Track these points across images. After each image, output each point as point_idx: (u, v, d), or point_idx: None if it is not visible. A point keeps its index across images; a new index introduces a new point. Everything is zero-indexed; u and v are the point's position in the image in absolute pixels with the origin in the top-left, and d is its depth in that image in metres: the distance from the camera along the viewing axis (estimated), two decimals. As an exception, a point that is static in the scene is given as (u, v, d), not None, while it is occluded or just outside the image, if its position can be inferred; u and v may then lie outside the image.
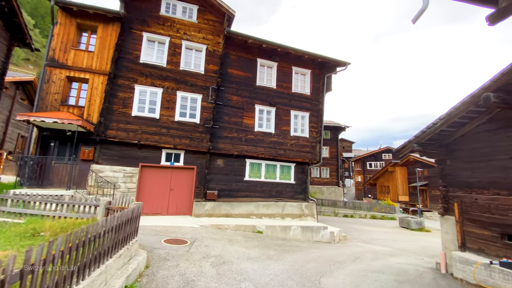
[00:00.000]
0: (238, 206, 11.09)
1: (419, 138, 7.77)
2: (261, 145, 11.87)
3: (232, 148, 11.34)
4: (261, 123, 12.05)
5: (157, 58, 11.03)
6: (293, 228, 10.21)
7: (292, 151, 12.42)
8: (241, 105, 11.72)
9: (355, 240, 12.30)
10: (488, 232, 6.44)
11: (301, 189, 12.69)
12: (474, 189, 6.92)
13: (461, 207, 7.25)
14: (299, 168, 12.86)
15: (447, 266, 7.50)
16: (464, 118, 6.91)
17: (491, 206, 6.40)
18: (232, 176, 11.48)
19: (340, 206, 25.52)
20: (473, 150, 7.07)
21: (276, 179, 12.29)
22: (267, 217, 11.42)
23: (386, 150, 49.27)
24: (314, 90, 13.35)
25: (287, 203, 11.88)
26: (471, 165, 7.10)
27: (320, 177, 29.57)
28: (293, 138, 12.55)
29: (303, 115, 12.94)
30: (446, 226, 7.75)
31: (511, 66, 5.18)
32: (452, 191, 7.63)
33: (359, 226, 17.81)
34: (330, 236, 10.71)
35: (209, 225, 9.31)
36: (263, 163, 12.16)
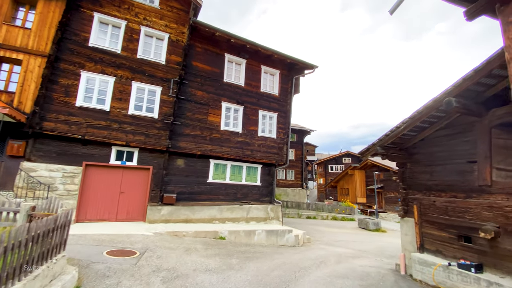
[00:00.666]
0: (200, 210, 10.24)
1: (383, 141, 7.85)
2: (227, 145, 11.20)
3: (194, 147, 10.47)
4: (228, 122, 11.39)
5: (110, 43, 9.73)
6: (258, 232, 9.70)
7: (260, 152, 11.97)
8: (206, 101, 10.92)
9: (318, 243, 12.25)
10: (445, 234, 6.64)
11: (267, 192, 12.28)
12: (433, 191, 7.14)
13: (420, 209, 7.44)
14: (266, 170, 12.45)
15: (407, 267, 7.64)
16: (425, 123, 7.11)
17: (449, 208, 6.61)
18: (193, 178, 10.59)
19: (303, 208, 25.86)
20: (432, 154, 7.31)
21: (242, 181, 11.70)
22: (231, 222, 10.75)
23: (346, 154, 52.01)
24: (283, 91, 13.12)
25: (252, 206, 11.35)
26: (429, 169, 7.32)
27: (286, 179, 29.76)
28: (261, 138, 12.11)
29: (271, 115, 12.59)
30: (406, 228, 7.92)
31: (472, 72, 5.33)
32: (412, 194, 7.83)
33: (321, 228, 18.05)
34: (294, 239, 10.43)
35: (165, 232, 8.33)
36: (229, 164, 11.48)
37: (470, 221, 6.06)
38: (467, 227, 6.11)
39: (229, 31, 10.88)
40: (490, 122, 5.87)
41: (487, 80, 5.56)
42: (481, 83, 5.61)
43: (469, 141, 6.35)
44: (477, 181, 5.97)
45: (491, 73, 5.31)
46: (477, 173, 5.99)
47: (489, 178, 5.69)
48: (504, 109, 5.63)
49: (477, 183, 5.97)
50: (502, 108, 5.67)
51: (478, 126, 6.11)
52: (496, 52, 4.92)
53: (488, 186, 5.72)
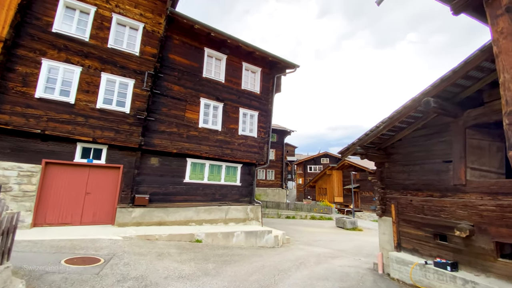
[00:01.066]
0: (175, 212, 9.67)
1: (362, 141, 7.86)
2: (206, 143, 10.72)
3: (170, 145, 9.88)
4: (207, 119, 10.91)
5: (77, 30, 8.88)
6: (237, 234, 9.35)
7: (240, 151, 11.62)
8: (183, 97, 10.37)
9: (298, 243, 12.15)
10: (422, 233, 6.73)
11: (247, 192, 11.96)
12: (410, 191, 7.23)
13: (397, 208, 7.52)
14: (246, 169, 12.13)
15: (384, 266, 7.69)
16: (403, 123, 7.18)
17: (425, 207, 6.71)
18: (169, 178, 9.99)
19: (283, 208, 25.88)
20: (409, 154, 7.41)
21: (221, 181, 11.27)
22: (209, 223, 10.29)
23: (324, 155, 53.14)
24: (264, 89, 12.88)
25: (231, 207, 10.97)
26: (407, 168, 7.42)
27: (266, 179, 29.65)
28: (241, 137, 11.77)
29: (252, 114, 12.30)
30: (384, 227, 7.98)
31: (450, 73, 5.40)
32: (390, 193, 7.91)
33: (300, 228, 18.08)
34: (274, 240, 10.21)
35: (136, 236, 7.72)
36: (207, 163, 11.01)
37: (445, 219, 6.16)
38: (442, 226, 6.22)
39: (209, 24, 10.41)
40: (465, 122, 6.01)
41: (463, 82, 5.68)
42: (458, 84, 5.72)
43: (445, 141, 6.48)
44: (452, 181, 6.09)
45: (467, 75, 5.41)
46: (452, 172, 6.11)
47: (464, 177, 5.81)
48: (478, 110, 5.78)
49: (452, 182, 6.09)
50: (477, 109, 5.82)
51: (454, 127, 6.25)
52: (473, 53, 5.00)
53: (462, 185, 5.84)
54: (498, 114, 5.44)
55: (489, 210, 5.31)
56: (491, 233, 5.21)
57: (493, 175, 5.78)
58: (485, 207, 5.38)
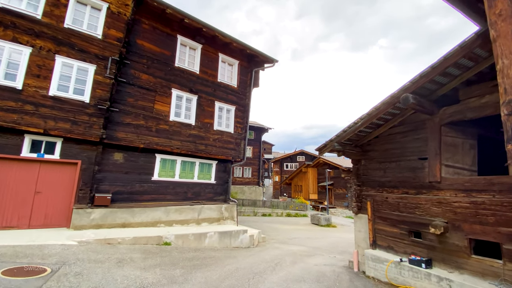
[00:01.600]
0: (141, 212, 8.87)
1: (340, 138, 7.70)
2: (178, 138, 9.99)
3: (137, 139, 9.03)
4: (179, 112, 10.17)
5: (28, 6, 7.69)
6: (210, 235, 8.81)
7: (215, 147, 11.03)
8: (153, 87, 9.54)
9: (273, 241, 11.90)
10: (397, 230, 6.71)
11: (222, 190, 11.43)
12: (385, 188, 7.20)
13: (373, 205, 7.47)
14: (221, 167, 11.58)
15: (359, 264, 7.63)
16: (381, 120, 7.12)
17: (400, 205, 6.70)
18: (135, 175, 9.14)
19: (259, 206, 25.65)
20: (386, 151, 7.39)
21: (194, 179, 10.61)
22: (180, 224, 9.62)
23: (300, 153, 54.07)
24: (242, 83, 12.38)
25: (204, 206, 10.37)
26: (383, 165, 7.39)
27: (242, 177, 29.23)
28: (217, 132, 11.18)
29: (229, 108, 11.75)
30: (359, 224, 7.93)
31: (429, 69, 5.33)
32: (366, 190, 7.85)
33: (276, 225, 17.93)
34: (249, 240, 9.82)
35: (94, 240, 6.88)
36: (179, 160, 10.29)
37: (420, 217, 6.17)
38: (417, 223, 6.22)
39: (183, 10, 9.65)
40: (440, 120, 6.03)
41: (441, 79, 5.66)
42: (435, 81, 5.69)
43: (420, 139, 6.48)
44: (427, 178, 6.10)
45: (445, 71, 5.39)
46: (428, 169, 6.12)
47: (439, 174, 5.83)
48: (454, 108, 5.81)
49: (427, 179, 6.10)
50: (452, 107, 5.85)
51: (429, 124, 6.26)
52: (452, 49, 4.95)
53: (437, 182, 5.86)
54: (473, 111, 5.48)
55: (463, 207, 5.35)
56: (465, 230, 5.25)
57: (466, 172, 5.86)
58: (459, 204, 5.41)
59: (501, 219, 4.74)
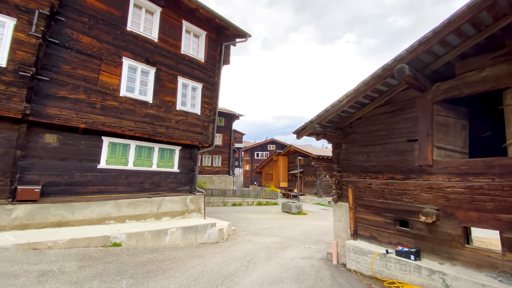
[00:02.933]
0: (84, 207, 7.22)
1: (321, 118, 6.86)
2: (131, 118, 8.34)
3: (76, 117, 7.23)
4: (133, 87, 8.46)
5: None
6: (171, 231, 7.54)
7: (178, 130, 9.56)
8: (97, 53, 7.69)
9: (245, 233, 11.00)
10: (381, 219, 6.14)
11: (187, 179, 10.08)
12: (369, 173, 6.57)
13: (355, 193, 6.84)
14: (186, 153, 10.18)
15: (339, 256, 7.03)
16: (367, 98, 6.37)
17: (385, 191, 6.11)
18: (75, 162, 7.40)
19: (229, 195, 24.66)
20: (370, 133, 6.72)
21: (152, 167, 9.10)
22: (135, 220, 8.15)
23: (271, 142, 53.97)
24: (210, 58, 10.90)
25: (165, 198, 8.96)
26: (366, 149, 6.74)
27: (212, 166, 27.80)
28: (180, 113, 9.69)
29: (195, 86, 10.26)
30: (339, 213, 7.29)
31: (430, 34, 4.57)
32: (346, 176, 7.20)
33: (247, 215, 17.12)
34: (218, 234, 8.75)
35: (14, 245, 5.24)
36: (133, 144, 8.67)
37: (408, 204, 5.62)
38: (404, 211, 5.68)
39: (136, -41, 7.81)
40: (433, 97, 5.43)
41: (438, 49, 4.96)
42: (432, 51, 4.99)
43: (410, 119, 5.87)
44: (417, 161, 5.53)
45: (445, 40, 4.69)
46: (418, 152, 5.54)
47: (430, 157, 5.26)
48: (449, 83, 5.21)
49: (417, 163, 5.53)
50: (447, 82, 5.25)
51: (421, 102, 5.64)
52: (459, 9, 4.21)
53: (429, 166, 5.29)
54: (471, 86, 4.91)
55: (457, 192, 4.83)
56: (459, 218, 4.75)
57: (457, 155, 5.37)
58: (453, 189, 4.89)
59: (501, 205, 4.27)
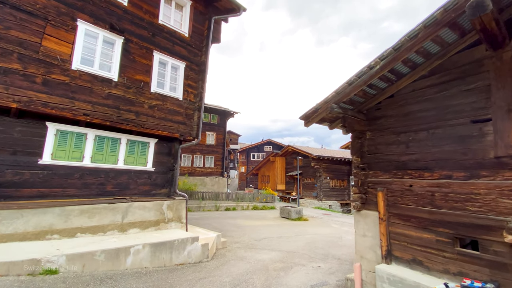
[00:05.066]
0: (15, 217, 5.18)
1: (341, 95, 5.00)
2: (87, 99, 6.36)
3: (4, 93, 5.24)
4: (91, 59, 6.50)
5: None
6: (135, 250, 5.54)
7: (153, 118, 7.60)
8: (42, 11, 5.72)
9: (237, 247, 9.03)
10: (430, 235, 4.27)
11: (165, 180, 8.10)
12: (409, 170, 4.71)
13: (387, 197, 4.97)
14: (164, 147, 8.21)
15: (364, 285, 5.14)
16: (407, 64, 4.54)
17: (436, 196, 4.25)
18: (5, 156, 5.36)
19: (222, 199, 22.63)
20: (408, 116, 4.87)
21: (118, 164, 7.11)
22: (90, 234, 6.13)
23: (268, 143, 52.25)
24: (196, 33, 9.00)
25: (133, 205, 6.96)
26: (404, 137, 4.88)
27: (204, 167, 25.76)
28: (156, 97, 7.74)
29: (176, 64, 8.33)
30: (364, 226, 5.39)
31: None
32: (374, 175, 5.33)
33: (241, 221, 15.15)
34: (201, 251, 6.77)
35: None
36: (91, 134, 6.69)
37: (476, 214, 3.76)
38: (469, 225, 3.81)
39: None
40: (518, 53, 3.61)
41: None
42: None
43: (473, 90, 4.03)
44: (492, 151, 3.68)
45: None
46: (493, 137, 3.70)
47: (519, 143, 3.42)
48: (550, 28, 3.41)
49: (492, 153, 3.68)
50: (544, 28, 3.45)
51: (494, 64, 3.81)
52: None
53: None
54: None
55: None
56: None
57: (560, 140, 3.53)
58: None
59: None
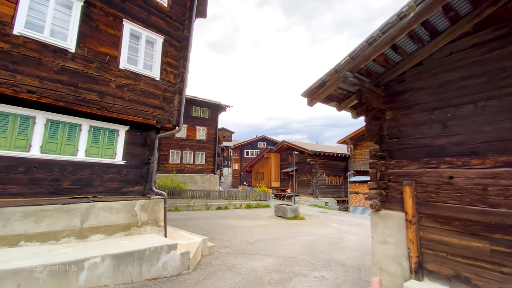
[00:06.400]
0: None
1: (358, 60, 3.83)
2: (34, 72, 5.02)
3: None
4: (40, 23, 5.14)
5: None
6: (91, 263, 4.27)
7: (122, 100, 6.29)
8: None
9: (226, 252, 7.83)
10: (482, 244, 3.15)
11: (138, 176, 6.80)
12: (447, 158, 3.59)
13: (417, 194, 3.84)
14: (138, 137, 6.91)
15: (386, 305, 4.02)
16: (447, 14, 3.40)
17: (491, 191, 3.13)
18: None
19: (214, 197, 21.38)
20: (445, 87, 3.75)
21: (77, 156, 5.79)
22: (39, 242, 4.81)
23: (262, 139, 51.12)
24: (177, 3, 7.69)
25: (96, 205, 5.64)
26: (440, 115, 3.75)
27: (194, 164, 24.40)
28: (126, 75, 6.42)
29: (153, 38, 7.01)
30: (384, 230, 4.26)
31: None
32: (397, 165, 4.20)
33: (233, 221, 13.97)
34: (180, 261, 5.53)
35: None
36: (41, 117, 5.35)
37: (557, 216, 2.66)
38: (548, 231, 2.72)
39: None
40: None
41: None
42: None
43: (546, 44, 2.93)
44: None
45: None
46: None
47: None
48: None
49: None
50: None
51: None
52: None
53: None
54: None
55: None
56: None
57: None
58: None
59: None
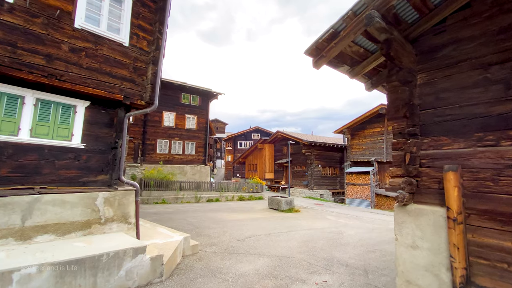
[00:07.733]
0: None
1: None
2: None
3: None
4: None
5: None
6: (23, 275, 3.12)
7: (78, 68, 5.02)
8: None
9: (212, 251, 6.77)
10: None
11: (103, 163, 5.60)
12: (511, 131, 2.55)
13: (463, 183, 2.81)
14: (102, 114, 5.68)
15: (416, 329, 3.03)
16: None
17: None
18: None
19: (204, 189, 20.31)
20: (508, 32, 2.67)
21: (19, 135, 4.57)
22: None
23: (256, 130, 50.05)
24: (152, -42, 6.34)
25: (43, 198, 4.45)
26: (499, 72, 2.69)
27: (184, 154, 23.15)
28: (84, 36, 5.13)
29: (120, -3, 5.70)
30: (414, 231, 3.23)
31: None
32: (433, 145, 3.15)
33: (223, 215, 12.95)
34: (150, 267, 4.43)
35: None
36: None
37: None
38: None
39: None
40: None
41: None
42: None
43: None
44: None
45: None
46: None
47: None
48: None
49: None
50: None
51: None
52: None
53: None
54: None
55: None
56: None
57: None
58: None
59: None
